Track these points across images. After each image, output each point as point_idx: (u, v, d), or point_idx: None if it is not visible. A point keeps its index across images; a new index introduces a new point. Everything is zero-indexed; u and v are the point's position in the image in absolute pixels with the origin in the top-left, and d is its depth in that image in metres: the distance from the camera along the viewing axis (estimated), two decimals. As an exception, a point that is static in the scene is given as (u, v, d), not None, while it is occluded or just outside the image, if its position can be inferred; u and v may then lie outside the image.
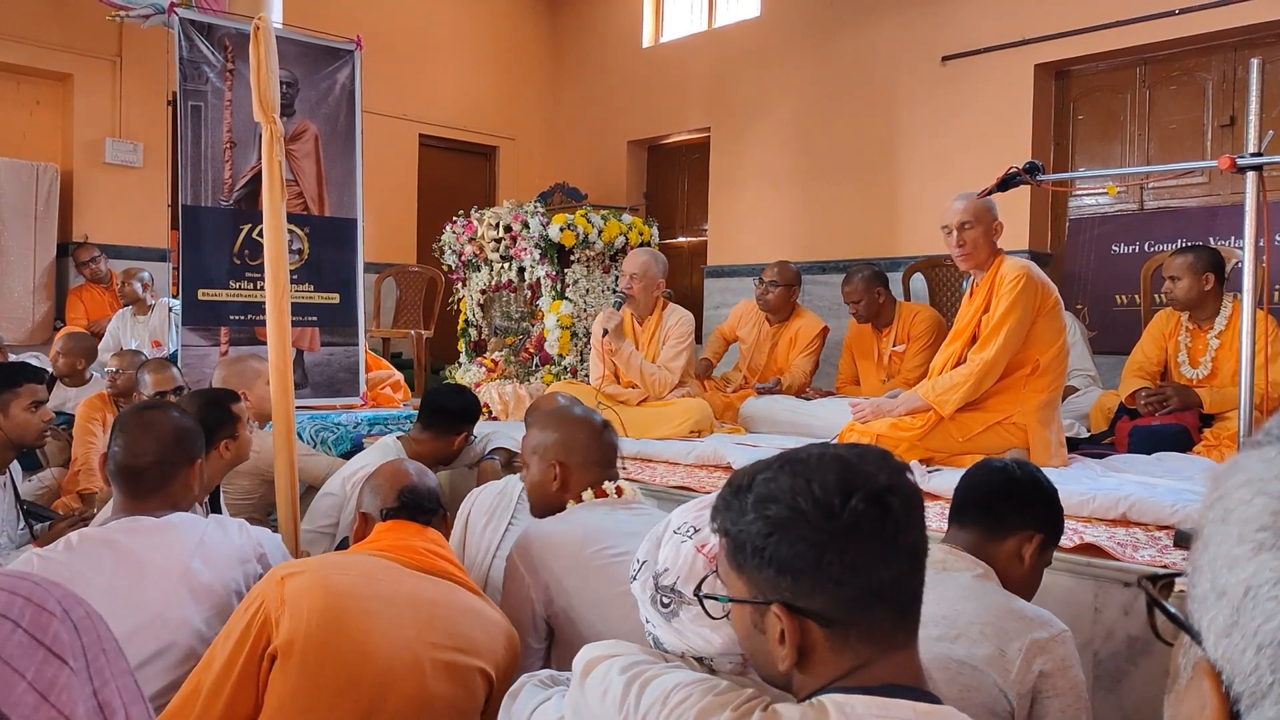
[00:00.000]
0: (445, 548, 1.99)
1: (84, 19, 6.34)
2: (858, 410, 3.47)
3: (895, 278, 5.48)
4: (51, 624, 0.66)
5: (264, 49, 2.68)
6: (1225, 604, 0.49)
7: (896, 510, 1.02)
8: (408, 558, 1.87)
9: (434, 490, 2.11)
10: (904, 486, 1.04)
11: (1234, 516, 0.50)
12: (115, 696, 0.69)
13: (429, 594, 1.81)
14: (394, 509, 2.02)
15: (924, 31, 6.13)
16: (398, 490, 2.05)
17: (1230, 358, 3.61)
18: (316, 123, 4.74)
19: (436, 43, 8.17)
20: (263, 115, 2.76)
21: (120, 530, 1.90)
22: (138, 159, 6.87)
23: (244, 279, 4.56)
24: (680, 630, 1.28)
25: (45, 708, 0.63)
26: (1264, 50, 4.96)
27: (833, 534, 1.00)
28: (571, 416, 2.25)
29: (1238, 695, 0.48)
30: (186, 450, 2.06)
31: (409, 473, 2.12)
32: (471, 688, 1.77)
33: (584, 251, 5.34)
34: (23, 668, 0.63)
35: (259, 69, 2.69)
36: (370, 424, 4.36)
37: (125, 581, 1.79)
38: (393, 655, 1.68)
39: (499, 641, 1.83)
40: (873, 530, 1.01)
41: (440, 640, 1.74)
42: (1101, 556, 2.28)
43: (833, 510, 1.01)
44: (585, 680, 1.22)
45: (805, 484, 1.03)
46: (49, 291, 6.59)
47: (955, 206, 3.28)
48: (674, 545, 1.32)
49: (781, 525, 1.02)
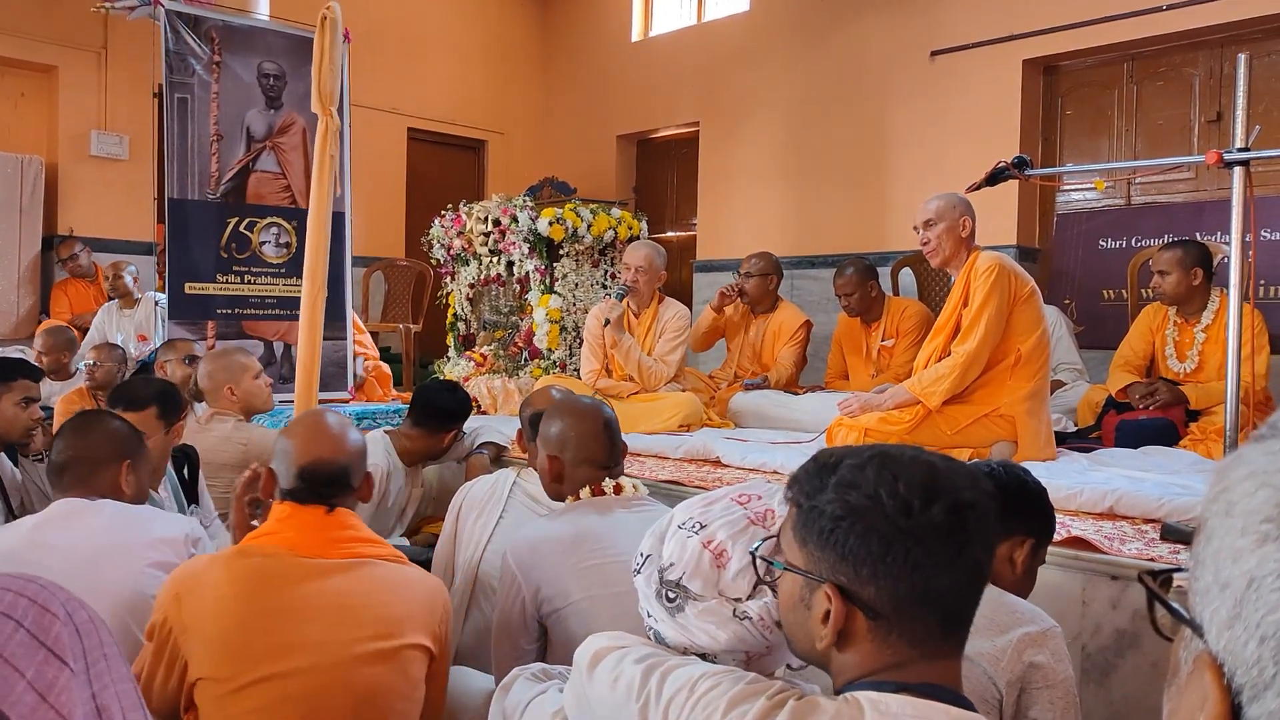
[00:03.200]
0: (352, 526, 1.82)
1: (69, 10, 6.28)
2: (845, 405, 3.48)
3: (884, 272, 5.49)
4: (54, 625, 0.66)
5: (329, 39, 2.63)
6: (1228, 596, 0.49)
7: (971, 526, 1.03)
8: (311, 551, 1.73)
9: (343, 469, 1.83)
10: (983, 505, 1.06)
11: (1238, 509, 0.50)
12: (114, 701, 0.69)
13: (339, 587, 1.71)
14: (291, 491, 1.81)
15: (913, 27, 6.13)
16: (298, 468, 1.81)
17: (1217, 352, 3.64)
18: (304, 115, 4.72)
19: (425, 36, 8.13)
20: (320, 107, 2.71)
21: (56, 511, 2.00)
22: (123, 152, 6.82)
23: (231, 273, 4.54)
24: (684, 625, 1.28)
25: (44, 708, 0.63)
26: (1251, 46, 4.98)
27: (904, 532, 1.02)
28: (577, 410, 2.18)
29: (1239, 687, 0.48)
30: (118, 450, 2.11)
31: (318, 443, 1.84)
32: (405, 667, 1.73)
33: (573, 246, 5.33)
34: (23, 667, 0.63)
35: (322, 59, 2.64)
36: (358, 418, 4.34)
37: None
38: (314, 663, 1.64)
39: (426, 607, 1.78)
40: (944, 539, 1.02)
41: (359, 634, 1.68)
42: (1089, 550, 2.30)
43: (911, 510, 1.02)
44: (594, 670, 1.22)
45: (891, 479, 1.04)
46: (34, 285, 6.54)
47: (924, 205, 3.38)
48: (679, 540, 1.32)
49: (857, 512, 1.04)
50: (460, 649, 2.43)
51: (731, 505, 1.33)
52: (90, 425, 2.15)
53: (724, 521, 1.31)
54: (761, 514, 1.31)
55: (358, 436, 1.94)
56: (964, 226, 3.30)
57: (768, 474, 3.31)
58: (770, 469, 3.35)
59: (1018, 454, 3.24)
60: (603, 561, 1.91)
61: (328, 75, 2.67)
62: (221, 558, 1.74)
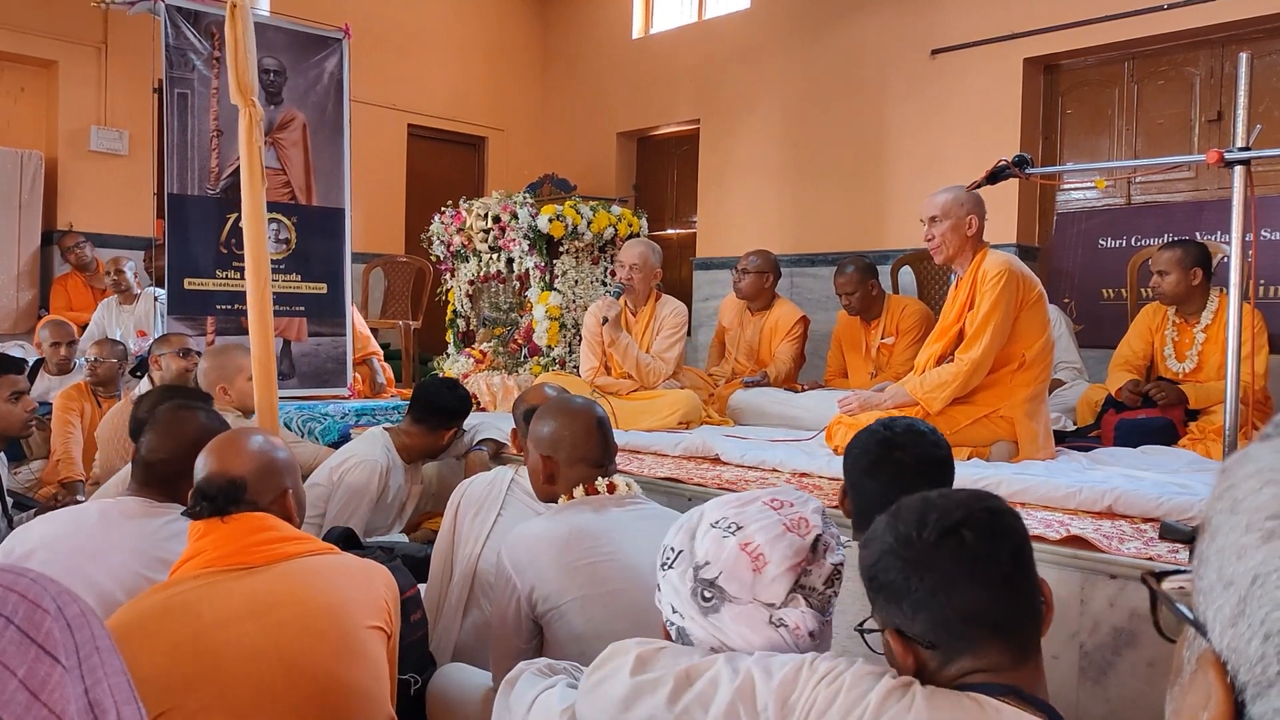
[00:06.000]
0: (273, 528, 1.73)
1: (69, 5, 6.27)
2: (845, 403, 3.48)
3: (883, 270, 5.49)
4: (45, 621, 0.66)
5: (241, 28, 2.61)
6: (1232, 593, 0.49)
7: (970, 542, 1.15)
8: (239, 561, 1.66)
9: (232, 481, 1.74)
10: (979, 521, 1.17)
11: (1243, 506, 0.50)
12: (107, 696, 0.68)
13: (271, 592, 1.63)
14: (193, 511, 1.72)
15: (913, 25, 6.13)
16: (196, 485, 1.76)
17: (1216, 351, 3.63)
18: (304, 111, 4.72)
19: (425, 32, 8.12)
20: (240, 98, 2.69)
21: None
22: (123, 147, 6.82)
23: (231, 268, 4.54)
24: (718, 626, 1.27)
25: (37, 707, 0.62)
26: (1252, 45, 4.98)
27: (913, 562, 1.16)
28: (568, 409, 2.18)
29: (1243, 685, 0.48)
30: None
31: (211, 459, 1.80)
32: (364, 650, 1.67)
33: (573, 243, 5.32)
34: (14, 665, 0.62)
35: (236, 49, 2.62)
36: (358, 414, 4.34)
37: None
38: (258, 669, 1.58)
39: (370, 591, 1.73)
40: (949, 559, 1.15)
41: (300, 631, 1.62)
42: (1087, 549, 2.29)
43: (911, 541, 1.17)
44: (642, 676, 1.25)
45: (893, 520, 1.21)
46: (33, 280, 6.53)
47: (929, 199, 3.33)
48: (714, 539, 1.30)
49: (880, 557, 1.20)
50: (458, 646, 2.43)
51: (766, 509, 1.32)
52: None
53: (761, 525, 1.29)
54: (796, 521, 1.31)
55: (266, 455, 1.85)
56: (970, 225, 3.25)
57: (767, 471, 3.31)
58: (769, 466, 3.34)
59: (1018, 454, 3.24)
60: (597, 560, 1.91)
61: (244, 65, 2.64)
62: (147, 601, 1.64)
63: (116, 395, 4.38)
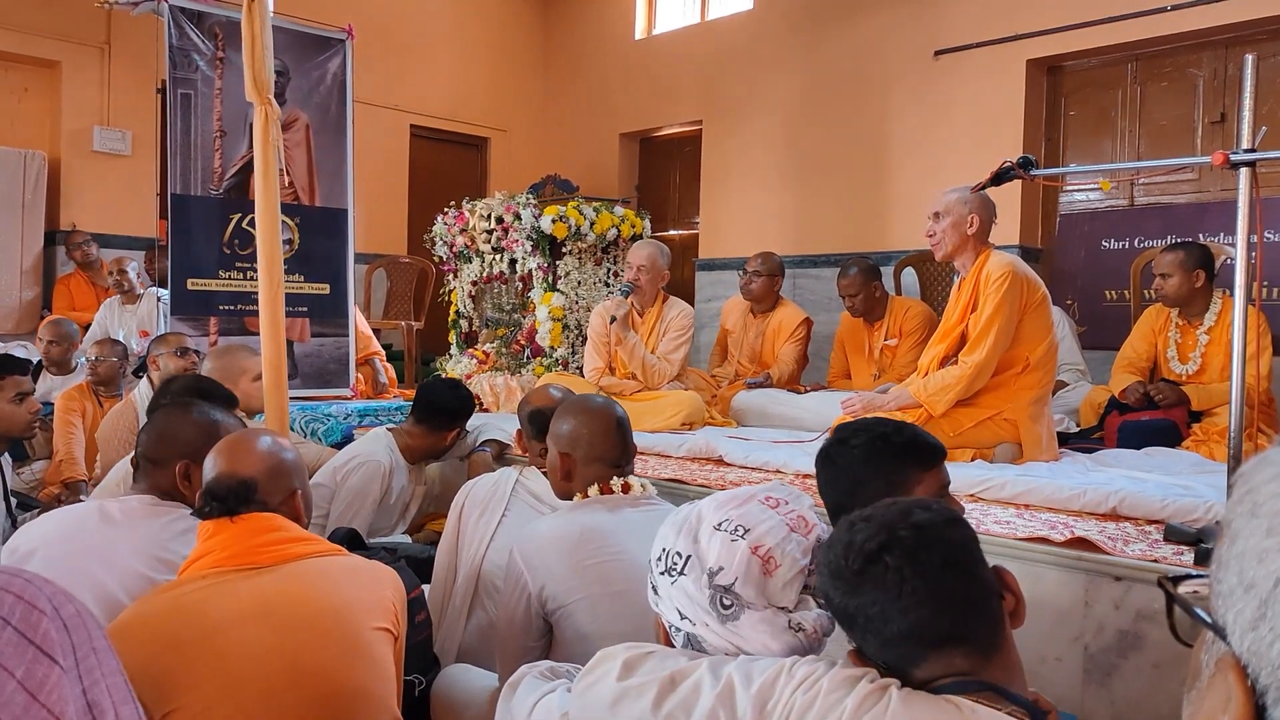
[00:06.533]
0: (281, 529, 1.73)
1: (72, 5, 6.28)
2: (849, 404, 3.47)
3: (886, 272, 5.47)
4: (42, 622, 0.65)
5: (259, 24, 2.59)
6: (1253, 597, 0.49)
7: (894, 566, 1.13)
8: (247, 561, 1.66)
9: (242, 482, 1.74)
10: (900, 542, 1.14)
11: (1264, 510, 0.50)
12: (104, 696, 0.68)
13: (279, 593, 1.63)
14: (203, 511, 1.73)
15: (916, 26, 6.12)
16: (206, 486, 1.76)
17: (1219, 353, 3.63)
18: (307, 112, 4.72)
19: (428, 33, 8.13)
20: (256, 95, 2.66)
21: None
22: (126, 147, 6.82)
23: (234, 269, 4.54)
24: (737, 633, 1.27)
25: (35, 707, 0.62)
26: (1255, 47, 4.97)
27: (844, 590, 1.16)
28: (588, 408, 2.18)
29: (1264, 688, 0.48)
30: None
31: (220, 459, 1.81)
32: (370, 651, 1.66)
33: (576, 244, 5.32)
34: (12, 666, 0.62)
35: (253, 45, 2.60)
36: (361, 415, 4.34)
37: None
38: (263, 670, 1.56)
39: (377, 593, 1.73)
40: (875, 586, 1.14)
41: (308, 631, 1.61)
42: (1092, 551, 2.29)
43: (840, 570, 1.17)
44: (632, 677, 1.25)
45: (827, 548, 1.21)
46: (36, 279, 6.54)
47: (938, 194, 3.35)
48: (722, 543, 1.29)
49: (821, 584, 1.22)
50: (462, 647, 2.43)
51: (765, 509, 1.32)
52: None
53: (767, 527, 1.29)
54: (796, 520, 1.30)
55: (275, 455, 1.85)
56: (971, 224, 3.25)
57: (770, 473, 3.30)
58: (773, 468, 3.34)
59: (1022, 455, 3.23)
60: (605, 560, 1.90)
61: (260, 62, 2.60)
62: (153, 602, 1.64)
63: (118, 395, 4.37)
